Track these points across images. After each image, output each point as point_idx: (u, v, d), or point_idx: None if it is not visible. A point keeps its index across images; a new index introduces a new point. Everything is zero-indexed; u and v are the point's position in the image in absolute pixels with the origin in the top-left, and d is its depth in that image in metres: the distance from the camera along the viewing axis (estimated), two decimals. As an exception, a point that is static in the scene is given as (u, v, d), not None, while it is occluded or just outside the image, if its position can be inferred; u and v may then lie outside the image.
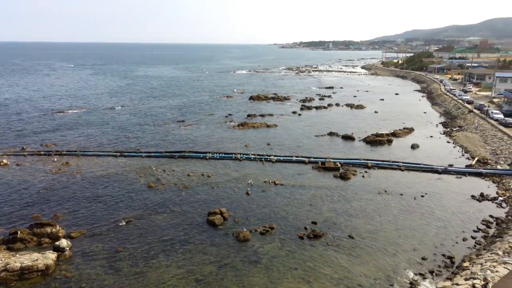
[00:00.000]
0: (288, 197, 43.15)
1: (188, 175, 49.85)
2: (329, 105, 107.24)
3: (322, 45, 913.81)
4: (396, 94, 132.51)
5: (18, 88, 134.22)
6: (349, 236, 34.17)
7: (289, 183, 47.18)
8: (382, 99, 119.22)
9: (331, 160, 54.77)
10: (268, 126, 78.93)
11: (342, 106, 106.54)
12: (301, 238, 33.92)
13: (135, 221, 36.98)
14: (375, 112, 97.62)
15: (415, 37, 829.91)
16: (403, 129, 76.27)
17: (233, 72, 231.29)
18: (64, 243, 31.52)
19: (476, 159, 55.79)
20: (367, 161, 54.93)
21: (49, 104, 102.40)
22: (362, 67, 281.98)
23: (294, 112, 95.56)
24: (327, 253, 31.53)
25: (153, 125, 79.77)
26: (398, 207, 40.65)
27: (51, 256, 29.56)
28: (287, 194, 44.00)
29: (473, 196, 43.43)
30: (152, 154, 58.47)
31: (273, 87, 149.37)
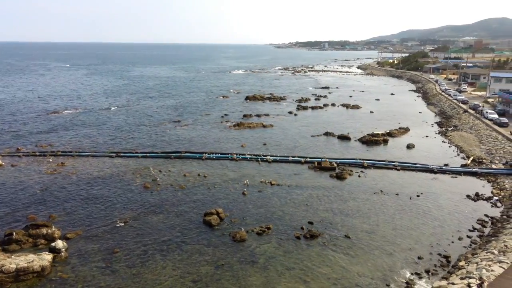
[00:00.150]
0: (284, 197, 43.19)
1: (184, 175, 49.78)
2: (325, 105, 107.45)
3: (318, 45, 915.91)
4: (392, 94, 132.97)
5: (13, 89, 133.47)
6: (346, 236, 34.25)
7: (285, 183, 47.22)
8: (378, 99, 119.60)
9: (327, 160, 54.87)
10: (264, 126, 78.97)
11: (338, 106, 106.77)
12: (297, 238, 33.96)
13: (131, 222, 36.88)
14: (370, 112, 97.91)
15: (410, 37, 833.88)
16: (399, 129, 76.55)
17: (229, 72, 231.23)
18: (60, 244, 31.40)
19: (471, 158, 56.10)
20: (363, 161, 55.08)
21: (44, 105, 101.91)
22: (358, 67, 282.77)
23: (290, 112, 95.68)
24: (323, 253, 31.60)
25: (149, 125, 79.57)
26: (394, 206, 40.80)
27: (47, 257, 29.44)
28: (284, 194, 44.04)
29: (468, 196, 43.67)
30: (148, 154, 58.33)
31: (269, 87, 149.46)
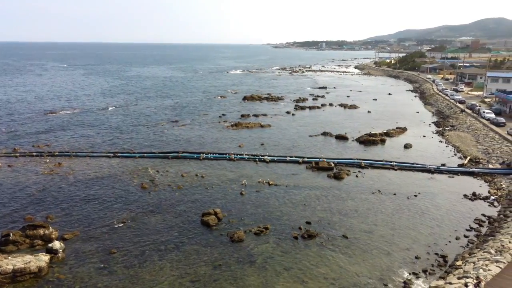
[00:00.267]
0: (282, 197, 43.20)
1: (182, 175, 49.72)
2: (323, 105, 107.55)
3: (315, 45, 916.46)
4: (389, 94, 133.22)
5: (9, 89, 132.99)
6: (343, 236, 34.29)
7: (283, 183, 47.24)
8: (375, 99, 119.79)
9: (325, 160, 54.92)
10: (262, 126, 78.97)
11: (336, 106, 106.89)
12: (295, 238, 33.98)
13: (129, 222, 36.81)
14: (368, 112, 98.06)
15: (407, 37, 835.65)
16: (396, 128, 76.72)
17: (227, 72, 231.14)
18: (57, 245, 31.31)
19: (468, 158, 56.25)
20: (360, 160, 55.16)
21: (41, 105, 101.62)
22: (355, 67, 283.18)
23: (287, 112, 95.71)
24: (321, 253, 31.63)
25: (147, 125, 79.45)
26: (392, 206, 40.87)
27: (44, 258, 29.35)
28: (281, 194, 44.06)
29: (465, 195, 43.81)
30: (145, 155, 58.25)
31: (266, 87, 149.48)
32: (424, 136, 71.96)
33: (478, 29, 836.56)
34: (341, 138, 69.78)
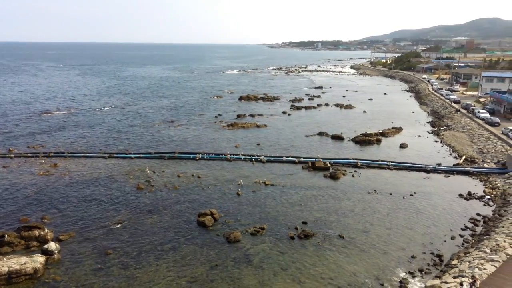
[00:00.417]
0: (278, 197, 43.23)
1: (178, 176, 49.63)
2: (319, 105, 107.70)
3: (311, 45, 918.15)
4: (385, 94, 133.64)
5: (4, 89, 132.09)
6: (340, 236, 34.37)
7: (279, 183, 47.27)
8: (371, 99, 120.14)
9: (321, 160, 55.02)
10: (258, 126, 78.97)
11: (332, 106, 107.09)
12: (292, 238, 34.01)
13: (125, 223, 36.70)
14: (364, 112, 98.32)
15: (403, 37, 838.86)
16: (392, 128, 76.96)
17: (223, 72, 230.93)
18: (52, 246, 31.15)
19: (464, 158, 56.54)
20: (356, 160, 55.29)
21: (36, 105, 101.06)
22: (351, 67, 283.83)
23: (284, 112, 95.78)
24: (318, 253, 31.68)
25: (143, 126, 79.23)
26: (388, 206, 41.01)
27: (39, 259, 29.20)
28: (278, 194, 44.08)
29: (461, 195, 44.03)
30: (141, 155, 58.09)
31: (263, 87, 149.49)
32: (419, 136, 72.25)
33: (473, 29, 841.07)
34: (337, 138, 69.91)
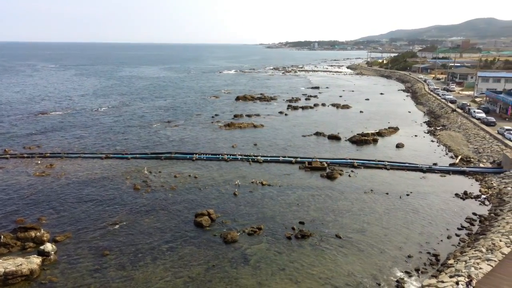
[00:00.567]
0: (275, 197, 43.25)
1: (175, 176, 49.56)
2: (315, 105, 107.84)
3: (307, 45, 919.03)
4: (381, 94, 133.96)
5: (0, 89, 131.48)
6: (336, 236, 34.42)
7: (276, 184, 47.30)
8: (368, 99, 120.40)
9: (318, 160, 55.09)
10: (255, 127, 78.97)
11: (328, 106, 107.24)
12: (288, 238, 34.05)
13: (121, 224, 36.61)
14: (360, 111, 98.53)
15: (399, 37, 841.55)
16: (388, 128, 77.18)
17: (220, 72, 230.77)
18: (49, 247, 31.03)
19: (460, 157, 56.78)
20: (353, 160, 55.41)
21: (32, 106, 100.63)
22: (348, 67, 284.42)
23: (280, 112, 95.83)
24: (315, 253, 31.72)
25: (139, 126, 79.05)
26: (384, 206, 41.12)
27: (35, 260, 29.08)
28: (275, 194, 44.10)
29: (457, 194, 44.21)
30: (138, 155, 57.96)
31: (259, 87, 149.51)
32: (416, 136, 72.48)
33: (469, 29, 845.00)
34: (334, 138, 70.02)
